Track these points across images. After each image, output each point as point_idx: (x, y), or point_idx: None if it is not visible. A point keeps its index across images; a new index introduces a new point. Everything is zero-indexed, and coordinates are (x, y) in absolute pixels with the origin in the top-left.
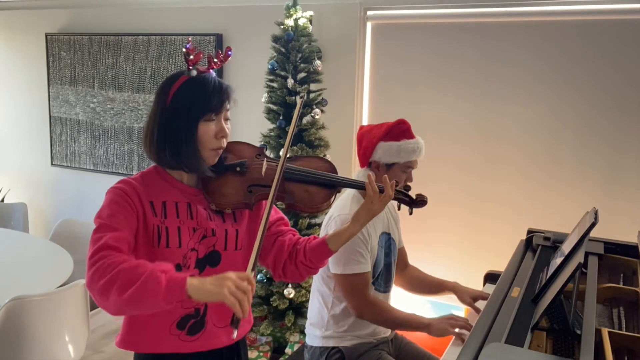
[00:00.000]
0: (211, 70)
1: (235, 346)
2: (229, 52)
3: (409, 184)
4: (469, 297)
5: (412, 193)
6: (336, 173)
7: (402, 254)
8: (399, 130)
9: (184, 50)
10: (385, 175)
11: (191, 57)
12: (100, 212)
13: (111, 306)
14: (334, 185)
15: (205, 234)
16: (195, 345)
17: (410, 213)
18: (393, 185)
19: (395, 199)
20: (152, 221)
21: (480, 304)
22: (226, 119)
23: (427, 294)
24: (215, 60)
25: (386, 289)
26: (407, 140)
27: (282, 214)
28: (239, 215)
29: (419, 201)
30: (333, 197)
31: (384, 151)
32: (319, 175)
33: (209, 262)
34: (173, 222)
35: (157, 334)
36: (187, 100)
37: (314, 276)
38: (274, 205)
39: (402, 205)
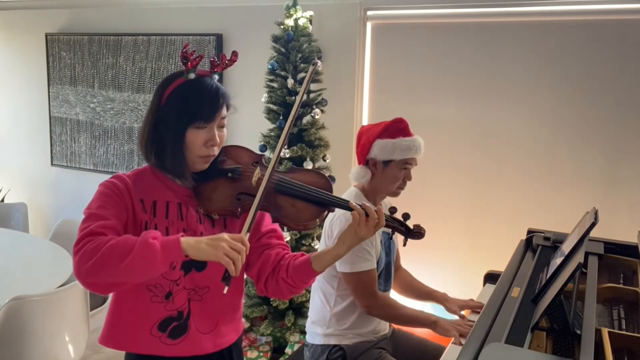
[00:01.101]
0: (214, 75)
1: (228, 354)
2: (235, 58)
3: (408, 212)
4: (456, 307)
5: (407, 197)
6: (331, 192)
7: (397, 255)
8: (396, 129)
9: (184, 50)
10: (367, 204)
11: (189, 60)
12: (90, 204)
13: (103, 283)
14: (324, 203)
15: (194, 237)
16: (177, 349)
17: (404, 244)
18: (381, 212)
19: (388, 226)
20: (141, 217)
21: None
22: (221, 126)
23: (415, 299)
24: (219, 63)
25: (386, 288)
26: (402, 138)
27: (275, 226)
28: (230, 223)
29: (416, 232)
30: (322, 216)
31: (380, 148)
32: (309, 191)
33: (194, 266)
34: (161, 223)
35: (138, 334)
36: (179, 104)
37: None
38: (266, 216)
39: (398, 234)
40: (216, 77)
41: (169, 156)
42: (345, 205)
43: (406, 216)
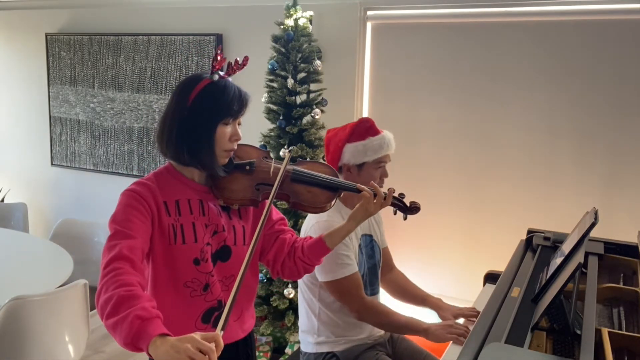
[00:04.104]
0: (228, 77)
1: (249, 339)
2: (246, 62)
3: (403, 192)
4: (450, 315)
5: (408, 197)
6: (337, 177)
7: (387, 254)
8: (363, 129)
9: (216, 52)
10: (374, 183)
11: (217, 61)
12: (115, 215)
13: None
14: (336, 188)
15: (216, 230)
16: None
17: (405, 219)
18: (391, 191)
19: (391, 204)
20: (166, 221)
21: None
22: (239, 124)
23: (408, 303)
24: (233, 66)
25: (373, 292)
26: (372, 138)
27: (282, 215)
28: (244, 212)
29: (413, 208)
30: (335, 198)
31: (351, 153)
32: (322, 178)
33: (220, 257)
34: (187, 219)
35: (183, 331)
36: (210, 103)
37: (299, 284)
38: (273, 206)
39: (399, 212)
40: (230, 79)
41: (204, 151)
42: (353, 188)
43: (402, 195)
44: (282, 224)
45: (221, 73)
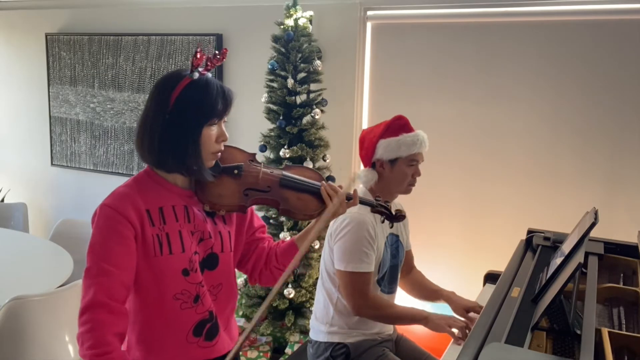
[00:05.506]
0: (208, 72)
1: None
2: (225, 55)
3: (388, 200)
4: (462, 309)
5: (410, 196)
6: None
7: (409, 256)
8: (397, 126)
9: (196, 50)
10: (355, 189)
11: (197, 57)
12: (93, 244)
13: None
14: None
15: (202, 237)
16: (214, 350)
17: (391, 227)
18: (356, 194)
19: (377, 212)
20: (150, 231)
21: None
22: (224, 121)
23: (423, 299)
24: (212, 60)
25: (390, 290)
26: (405, 135)
27: (262, 222)
28: (228, 217)
29: (398, 216)
30: (324, 206)
31: (385, 148)
32: (311, 184)
33: (207, 266)
34: (173, 227)
35: (173, 345)
36: (193, 104)
37: (321, 272)
38: (255, 213)
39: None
40: (209, 74)
41: (191, 156)
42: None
43: (387, 202)
44: (262, 232)
45: (200, 70)
